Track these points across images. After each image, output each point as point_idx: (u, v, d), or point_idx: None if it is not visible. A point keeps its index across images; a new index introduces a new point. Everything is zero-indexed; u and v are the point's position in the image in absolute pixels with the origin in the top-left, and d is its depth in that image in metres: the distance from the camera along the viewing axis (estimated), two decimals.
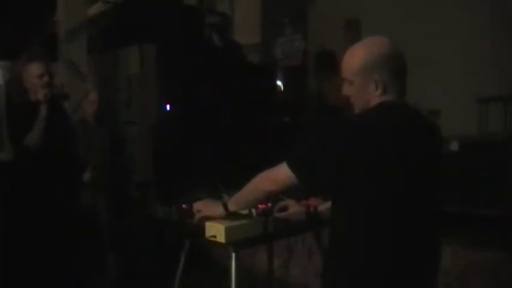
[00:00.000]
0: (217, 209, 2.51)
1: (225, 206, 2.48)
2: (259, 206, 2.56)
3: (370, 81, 2.05)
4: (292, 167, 2.02)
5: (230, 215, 2.50)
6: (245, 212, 2.61)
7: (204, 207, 2.62)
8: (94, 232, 4.77)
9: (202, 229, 2.56)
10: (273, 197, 2.42)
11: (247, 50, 7.35)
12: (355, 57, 2.09)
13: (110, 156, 5.07)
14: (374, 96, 2.05)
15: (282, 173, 2.06)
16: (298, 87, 8.15)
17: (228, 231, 2.49)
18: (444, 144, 2.19)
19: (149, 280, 4.74)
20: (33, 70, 3.88)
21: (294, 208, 2.79)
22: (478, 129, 5.88)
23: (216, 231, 2.52)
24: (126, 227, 5.27)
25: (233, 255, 2.59)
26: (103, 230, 4.94)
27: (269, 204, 2.61)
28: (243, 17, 8.31)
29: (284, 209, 2.78)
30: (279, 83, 8.27)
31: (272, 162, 2.15)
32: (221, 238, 2.51)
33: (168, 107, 6.34)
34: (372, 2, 7.31)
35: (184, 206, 2.74)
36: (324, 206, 2.69)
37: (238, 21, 7.96)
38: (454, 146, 4.57)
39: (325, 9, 8.20)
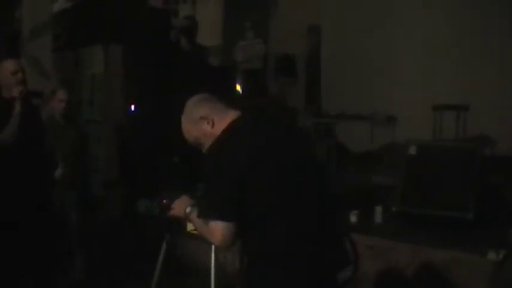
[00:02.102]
0: (181, 212, 2.54)
1: (187, 216, 2.50)
2: None
3: (201, 125, 2.35)
4: (219, 217, 2.20)
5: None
6: None
7: (175, 205, 2.71)
8: (62, 231, 4.78)
9: (184, 223, 2.69)
10: None
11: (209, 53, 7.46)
12: (185, 129, 2.42)
13: (77, 154, 5.09)
14: (211, 130, 2.34)
15: (221, 230, 2.20)
16: (257, 90, 8.29)
17: None
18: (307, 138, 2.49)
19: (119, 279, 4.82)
20: (7, 67, 3.91)
21: None
22: (433, 135, 6.17)
23: None
24: (94, 226, 5.30)
25: (212, 248, 2.74)
26: (71, 229, 4.96)
27: None
28: (204, 20, 8.40)
29: None
30: (238, 86, 8.40)
31: None
32: None
33: (133, 107, 6.40)
34: (333, 8, 7.54)
35: (165, 201, 2.84)
36: None
37: (199, 23, 8.07)
38: (412, 150, 4.79)
39: (287, 15, 8.40)
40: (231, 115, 2.34)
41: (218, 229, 2.19)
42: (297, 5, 8.06)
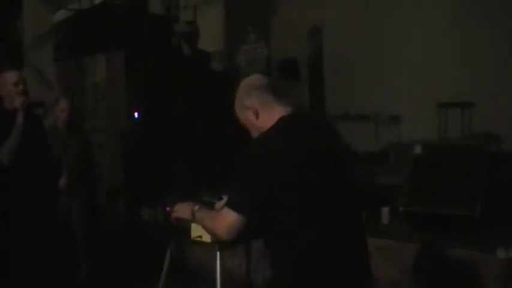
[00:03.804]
0: (187, 213, 2.56)
1: (193, 214, 2.51)
2: None
3: (246, 113, 2.36)
4: (234, 208, 2.19)
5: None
6: None
7: (179, 208, 2.70)
8: (67, 240, 4.79)
9: (188, 229, 2.67)
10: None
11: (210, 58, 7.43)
12: (235, 109, 2.43)
13: (81, 163, 5.09)
14: (255, 121, 2.34)
15: (230, 219, 2.20)
16: None
17: None
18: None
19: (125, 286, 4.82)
20: (9, 78, 3.90)
21: None
22: (438, 133, 6.13)
23: (202, 231, 2.62)
24: (99, 234, 5.31)
25: (218, 254, 2.72)
26: (76, 237, 4.96)
27: None
28: (205, 25, 8.39)
29: None
30: None
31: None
32: (207, 238, 2.62)
33: (136, 114, 6.40)
34: (334, 10, 7.51)
35: (168, 208, 2.83)
36: None
37: (201, 28, 8.06)
38: (418, 149, 4.76)
39: (288, 17, 8.37)
40: (279, 112, 2.31)
41: (228, 218, 2.19)
42: (298, 8, 8.04)
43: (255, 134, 2.38)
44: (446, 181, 4.50)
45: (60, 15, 7.84)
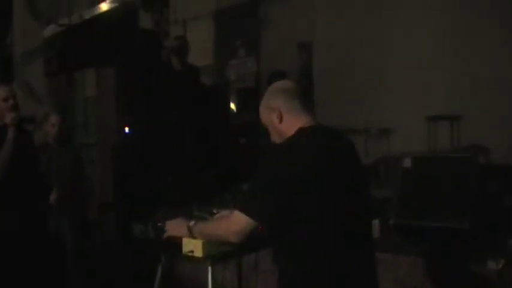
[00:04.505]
0: (182, 230, 2.60)
1: (190, 230, 2.56)
2: None
3: (270, 114, 2.38)
4: (247, 211, 2.21)
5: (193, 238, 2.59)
6: None
7: (172, 226, 2.71)
8: (59, 255, 4.77)
9: (179, 245, 2.66)
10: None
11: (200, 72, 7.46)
12: (260, 109, 2.44)
13: (72, 178, 5.08)
14: (278, 125, 2.35)
15: (241, 223, 2.23)
16: (251, 108, 8.29)
17: (206, 245, 2.60)
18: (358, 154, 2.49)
19: None
20: None
21: None
22: (428, 146, 6.17)
23: (193, 246, 2.62)
24: (91, 248, 5.29)
25: (209, 268, 2.71)
26: (67, 253, 4.94)
27: None
28: (195, 39, 8.43)
29: None
30: (232, 105, 8.40)
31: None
32: (198, 253, 2.61)
33: (127, 129, 6.40)
34: (324, 25, 7.57)
35: (159, 224, 2.83)
36: None
37: (191, 42, 8.10)
38: (407, 162, 4.78)
39: (278, 32, 8.41)
40: (303, 121, 2.32)
41: (239, 220, 2.22)
42: (288, 22, 8.09)
43: (275, 137, 2.39)
44: (436, 194, 4.52)
45: (51, 30, 7.85)
